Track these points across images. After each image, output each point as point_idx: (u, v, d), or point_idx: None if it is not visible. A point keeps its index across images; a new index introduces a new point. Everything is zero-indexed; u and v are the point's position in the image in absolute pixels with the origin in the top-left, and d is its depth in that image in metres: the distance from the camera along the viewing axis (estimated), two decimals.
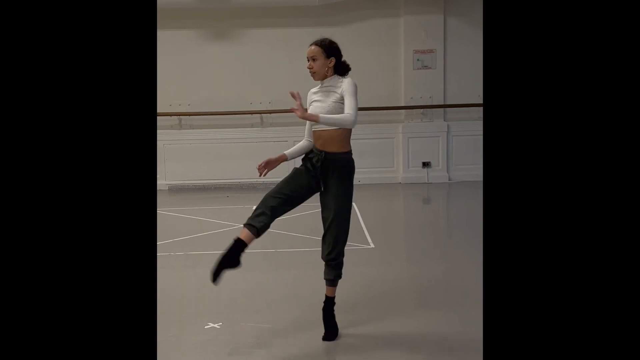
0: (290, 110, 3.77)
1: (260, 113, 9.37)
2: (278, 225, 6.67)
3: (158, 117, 9.24)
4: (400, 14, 9.34)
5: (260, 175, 4.00)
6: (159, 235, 6.32)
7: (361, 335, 3.80)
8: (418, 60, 9.37)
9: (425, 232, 6.51)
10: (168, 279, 5.02)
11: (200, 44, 9.36)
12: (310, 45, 3.89)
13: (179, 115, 9.32)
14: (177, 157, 9.36)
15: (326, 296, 3.84)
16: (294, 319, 4.05)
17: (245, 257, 4.18)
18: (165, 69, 9.30)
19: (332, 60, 3.81)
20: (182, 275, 5.14)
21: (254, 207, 3.73)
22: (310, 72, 3.89)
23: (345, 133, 3.78)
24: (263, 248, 5.82)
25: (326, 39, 3.87)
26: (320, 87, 3.88)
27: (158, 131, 9.31)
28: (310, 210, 7.57)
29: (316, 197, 3.87)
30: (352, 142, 9.66)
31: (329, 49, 3.83)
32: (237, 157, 9.40)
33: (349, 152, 3.84)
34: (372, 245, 5.88)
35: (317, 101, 3.82)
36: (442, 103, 9.45)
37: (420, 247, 5.90)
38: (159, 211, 7.65)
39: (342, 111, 3.67)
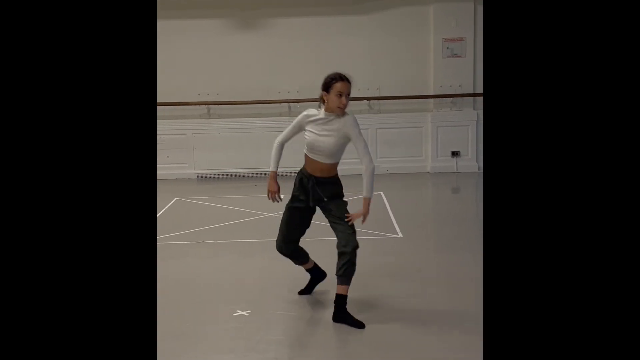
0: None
1: (288, 102, 9.36)
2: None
3: (187, 107, 9.29)
4: (430, 1, 9.24)
5: (276, 201, 4.45)
6: (188, 223, 6.40)
7: (388, 325, 3.78)
8: (447, 48, 9.27)
9: (454, 221, 6.46)
10: (197, 267, 5.06)
11: (228, 34, 9.37)
12: (344, 80, 3.98)
13: (208, 104, 9.36)
14: (206, 146, 9.41)
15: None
16: (324, 308, 4.05)
17: (273, 246, 4.20)
18: (194, 58, 9.34)
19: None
20: (211, 263, 5.17)
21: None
22: (341, 108, 3.94)
23: (336, 165, 4.21)
24: None
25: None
26: (325, 119, 4.01)
27: (187, 120, 9.38)
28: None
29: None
30: (380, 131, 9.55)
31: None
32: (265, 146, 9.35)
33: (336, 176, 4.26)
34: (400, 235, 5.85)
35: (323, 135, 4.04)
36: (471, 92, 9.34)
37: (449, 237, 5.86)
38: (188, 199, 7.72)
39: (343, 147, 4.11)
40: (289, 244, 4.17)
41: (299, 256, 4.26)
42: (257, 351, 3.42)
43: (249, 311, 4.00)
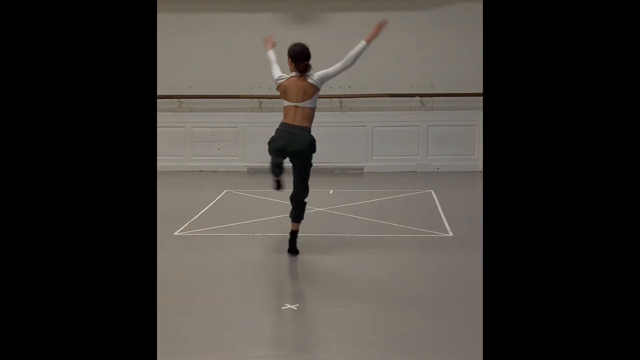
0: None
1: (339, 97, 9.33)
2: (354, 211, 6.66)
3: (238, 100, 9.36)
4: None
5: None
6: (238, 215, 6.45)
7: (435, 323, 3.73)
8: None
9: None
10: (246, 260, 5.09)
11: (282, 28, 9.39)
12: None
13: (259, 98, 9.40)
14: (256, 140, 9.44)
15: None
16: (371, 304, 4.02)
17: (322, 240, 4.19)
18: (246, 51, 9.39)
19: None
20: (259, 256, 5.19)
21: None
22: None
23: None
24: (338, 232, 5.81)
25: None
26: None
27: (239, 113, 9.44)
28: (389, 196, 7.52)
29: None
30: (432, 128, 9.47)
31: None
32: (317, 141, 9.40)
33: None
34: (450, 234, 5.77)
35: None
36: None
37: None
38: (238, 192, 7.77)
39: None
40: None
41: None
42: (304, 345, 3.41)
43: (297, 305, 3.99)
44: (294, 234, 5.13)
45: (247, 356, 3.28)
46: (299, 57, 5.25)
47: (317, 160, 9.38)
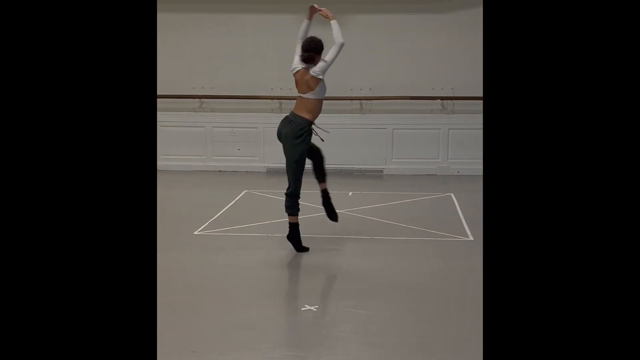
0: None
1: (359, 99, 9.31)
2: (374, 213, 6.64)
3: (259, 100, 9.37)
4: None
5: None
6: (257, 215, 6.45)
7: (456, 327, 3.70)
8: None
9: None
10: (265, 260, 5.09)
11: None
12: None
13: (280, 99, 9.41)
14: (276, 140, 9.42)
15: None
16: (391, 307, 4.01)
17: (341, 242, 4.18)
18: (267, 53, 9.40)
19: None
20: (279, 256, 5.19)
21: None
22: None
23: None
24: (358, 235, 5.80)
25: None
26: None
27: (259, 114, 9.45)
28: (409, 199, 7.49)
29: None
30: (452, 131, 9.48)
31: None
32: (334, 143, 9.35)
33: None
34: (471, 238, 5.73)
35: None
36: None
37: None
38: (257, 192, 7.78)
39: None
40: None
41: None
42: (324, 347, 3.40)
43: (316, 306, 3.98)
44: (290, 226, 5.27)
45: (266, 356, 3.27)
46: (305, 48, 5.53)
47: (336, 161, 9.42)
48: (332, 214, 5.46)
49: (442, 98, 9.17)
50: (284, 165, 10.17)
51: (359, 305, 4.03)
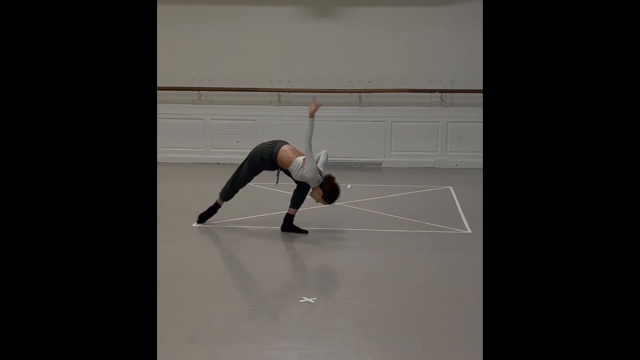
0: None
1: (359, 92, 9.31)
2: (372, 206, 6.64)
3: (258, 93, 9.36)
4: None
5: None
6: (256, 208, 6.45)
7: (454, 320, 3.72)
8: None
9: None
10: (264, 251, 5.10)
11: (303, 21, 9.39)
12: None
13: (278, 91, 9.41)
14: (275, 133, 9.43)
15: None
16: (390, 299, 4.01)
17: (339, 235, 4.18)
18: (267, 44, 9.39)
19: None
20: (277, 248, 5.20)
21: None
22: (316, 201, 5.50)
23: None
24: (356, 227, 5.80)
25: None
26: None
27: (257, 106, 9.45)
28: (407, 192, 7.49)
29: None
30: (451, 124, 9.45)
31: None
32: (333, 136, 9.40)
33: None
34: (469, 231, 5.74)
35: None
36: None
37: None
38: (256, 185, 7.78)
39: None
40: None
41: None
42: (322, 339, 3.40)
43: (315, 298, 3.99)
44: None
45: (265, 348, 3.28)
46: (330, 198, 5.41)
47: (335, 154, 9.42)
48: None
49: (441, 91, 9.17)
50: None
51: (357, 297, 4.04)
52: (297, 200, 5.56)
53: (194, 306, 3.84)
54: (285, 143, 5.62)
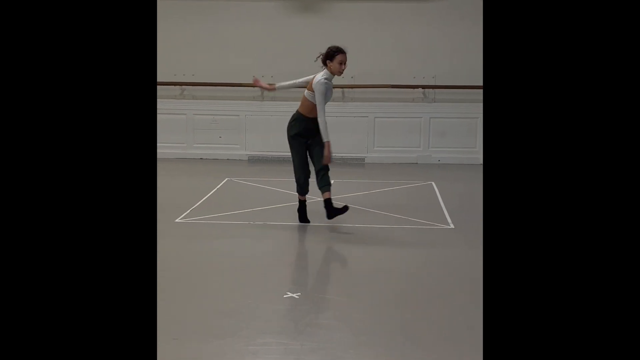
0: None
1: (341, 87, 9.31)
2: (355, 201, 6.66)
3: (240, 88, 9.33)
4: None
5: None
6: (239, 203, 6.45)
7: (436, 314, 3.75)
8: None
9: None
10: (247, 247, 5.10)
11: (286, 16, 9.37)
12: (344, 52, 5.61)
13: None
14: (258, 129, 9.45)
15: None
16: (373, 294, 4.04)
17: (322, 230, 4.18)
18: (250, 39, 9.35)
19: None
20: (261, 244, 5.20)
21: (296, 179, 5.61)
22: (341, 73, 5.65)
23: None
24: (339, 223, 5.82)
25: None
26: (330, 79, 5.59)
27: (240, 102, 9.41)
28: (390, 187, 7.52)
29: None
30: (434, 120, 9.45)
31: None
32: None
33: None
34: (451, 226, 5.78)
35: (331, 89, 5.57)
36: None
37: None
38: (239, 180, 7.77)
39: None
40: (302, 169, 5.64)
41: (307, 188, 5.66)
42: (306, 334, 3.42)
43: (299, 294, 4.00)
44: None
45: (249, 343, 3.29)
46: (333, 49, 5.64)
47: None
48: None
49: (423, 87, 9.20)
50: (266, 153, 10.19)
51: (341, 292, 4.06)
52: (323, 180, 5.52)
53: (178, 302, 3.84)
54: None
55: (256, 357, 3.16)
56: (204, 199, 6.72)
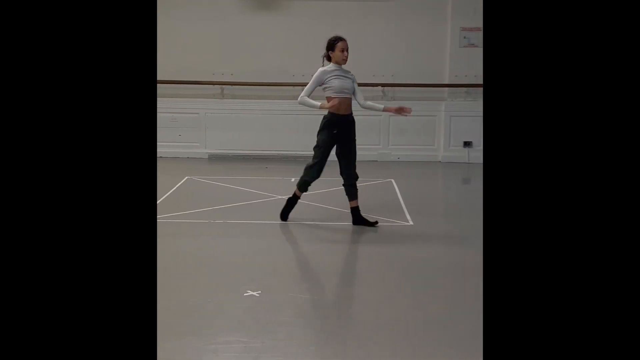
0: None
1: (302, 85, 9.29)
2: (317, 199, 6.69)
3: (200, 86, 9.27)
4: None
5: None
6: (199, 202, 6.41)
7: (395, 312, 3.80)
8: (465, 37, 9.21)
9: (464, 211, 6.45)
10: (208, 246, 5.08)
11: (245, 13, 9.34)
12: (344, 39, 5.71)
13: (221, 84, 9.34)
14: (218, 126, 9.40)
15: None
16: (333, 291, 4.07)
17: (283, 228, 4.20)
18: (209, 37, 9.30)
19: None
20: (221, 242, 5.19)
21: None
22: (345, 60, 5.65)
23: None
24: (301, 220, 5.84)
25: None
26: (338, 69, 5.60)
27: (200, 100, 9.35)
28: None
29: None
30: (393, 118, 9.50)
31: None
32: (277, 129, 9.41)
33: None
34: (410, 223, 5.85)
35: (346, 78, 5.61)
36: None
37: (459, 227, 5.85)
38: (199, 179, 7.73)
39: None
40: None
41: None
42: (267, 332, 3.43)
43: (259, 292, 4.01)
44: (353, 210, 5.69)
45: (210, 342, 3.29)
46: (333, 39, 5.78)
47: (280, 147, 9.44)
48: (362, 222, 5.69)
49: (382, 85, 9.28)
50: (228, 151, 10.15)
51: (301, 290, 4.08)
52: (351, 191, 5.64)
53: None
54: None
55: (216, 356, 3.16)
56: (163, 197, 6.68)
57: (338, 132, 5.51)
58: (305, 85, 5.79)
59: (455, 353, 3.25)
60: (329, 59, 5.62)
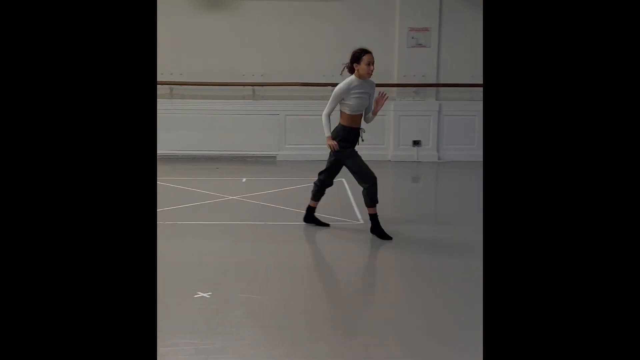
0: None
1: (252, 85, 9.31)
2: (267, 199, 6.69)
3: None
4: None
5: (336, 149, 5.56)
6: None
7: (348, 310, 3.83)
8: (412, 38, 9.34)
9: (414, 210, 6.55)
10: (158, 248, 5.02)
11: (194, 13, 9.26)
12: (370, 52, 5.39)
13: (170, 84, 9.25)
14: (168, 127, 9.30)
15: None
16: (283, 291, 4.08)
17: (234, 228, 4.18)
18: (158, 36, 9.18)
19: None
20: (171, 244, 5.14)
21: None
22: (370, 74, 5.35)
23: None
24: (252, 220, 5.84)
25: None
26: (360, 84, 5.33)
27: None
28: (302, 184, 7.59)
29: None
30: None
31: None
32: (228, 129, 9.37)
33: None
34: (361, 222, 5.91)
35: (365, 95, 5.36)
36: (434, 82, 9.44)
37: (408, 225, 5.93)
38: (161, 182, 7.63)
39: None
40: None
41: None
42: (218, 333, 3.42)
43: (210, 293, 3.99)
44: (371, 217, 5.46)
45: (160, 344, 3.25)
46: (360, 51, 5.48)
47: (230, 148, 9.39)
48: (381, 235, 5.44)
49: (332, 85, 9.30)
50: (178, 152, 10.07)
51: (252, 290, 4.07)
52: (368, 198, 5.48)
53: None
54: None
55: (165, 359, 3.13)
56: None
57: (347, 145, 5.59)
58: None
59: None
60: (351, 71, 5.36)
